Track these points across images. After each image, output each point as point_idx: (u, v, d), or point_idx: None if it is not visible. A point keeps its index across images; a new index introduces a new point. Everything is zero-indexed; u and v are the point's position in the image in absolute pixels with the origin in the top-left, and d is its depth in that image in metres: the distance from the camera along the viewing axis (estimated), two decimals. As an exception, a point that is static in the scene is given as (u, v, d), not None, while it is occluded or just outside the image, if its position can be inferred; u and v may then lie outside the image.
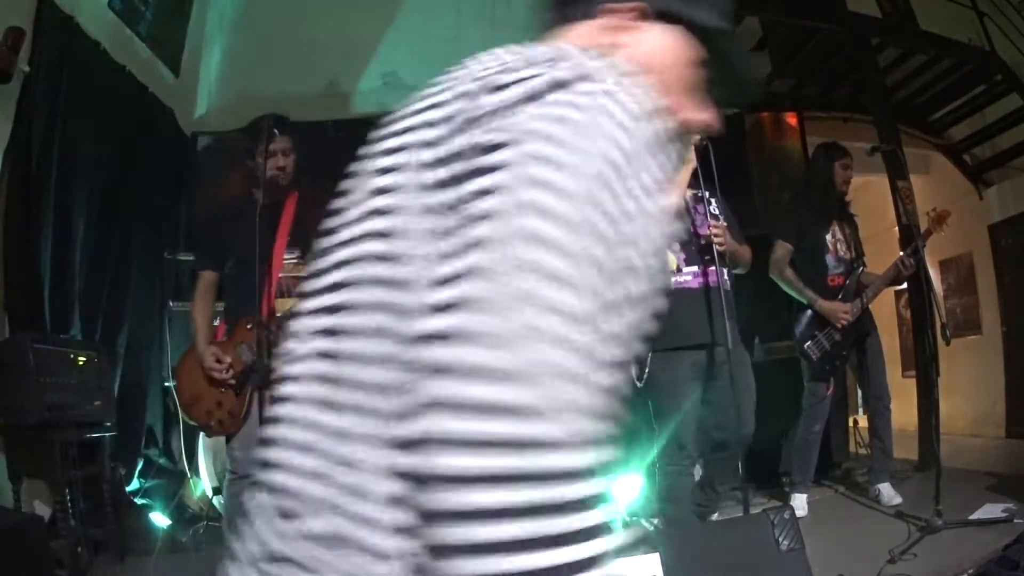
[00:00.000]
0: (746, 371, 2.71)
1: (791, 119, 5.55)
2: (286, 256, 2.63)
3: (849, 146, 5.82)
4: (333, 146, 5.03)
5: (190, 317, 2.74)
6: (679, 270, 2.63)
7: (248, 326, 2.58)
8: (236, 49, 5.36)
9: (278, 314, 2.55)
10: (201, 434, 3.69)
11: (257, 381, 2.54)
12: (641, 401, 2.90)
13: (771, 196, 5.16)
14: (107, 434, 3.19)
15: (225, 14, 5.40)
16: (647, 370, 2.61)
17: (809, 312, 3.46)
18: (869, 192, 6.03)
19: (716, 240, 2.59)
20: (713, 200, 2.89)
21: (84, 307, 3.62)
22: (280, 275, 2.60)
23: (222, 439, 2.83)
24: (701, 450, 2.77)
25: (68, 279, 3.54)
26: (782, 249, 3.53)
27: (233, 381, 2.59)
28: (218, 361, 2.58)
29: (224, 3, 5.38)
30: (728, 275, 2.77)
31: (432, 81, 0.63)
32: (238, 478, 2.60)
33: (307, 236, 2.71)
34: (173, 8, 4.85)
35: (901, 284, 3.76)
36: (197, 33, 5.13)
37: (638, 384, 2.69)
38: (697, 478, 2.83)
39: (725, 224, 2.77)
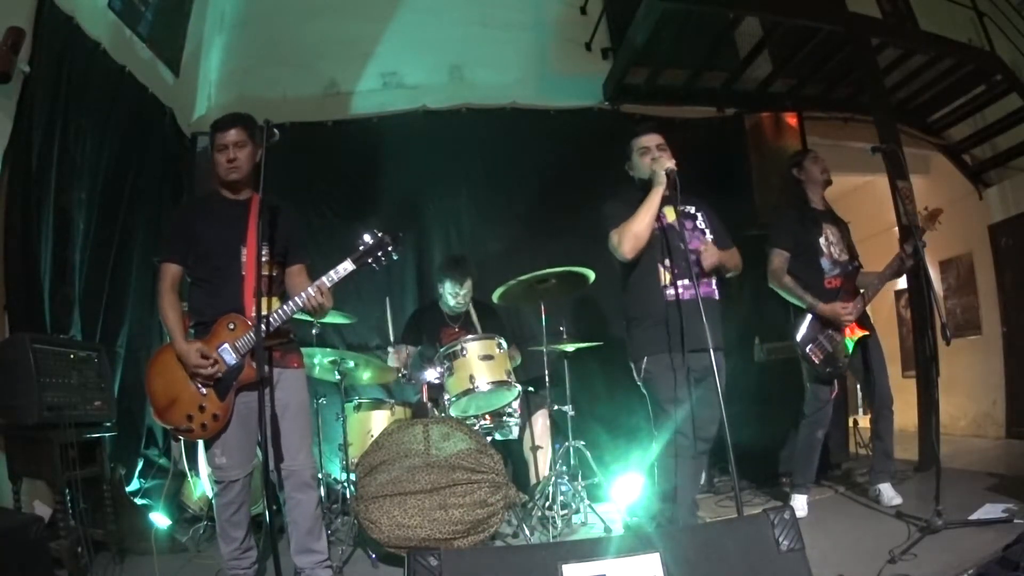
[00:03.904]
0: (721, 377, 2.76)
1: (791, 119, 5.54)
2: (263, 256, 2.48)
3: (849, 146, 5.80)
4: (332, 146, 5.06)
5: (161, 314, 2.55)
6: (673, 284, 2.77)
7: (230, 326, 2.47)
8: (236, 49, 5.36)
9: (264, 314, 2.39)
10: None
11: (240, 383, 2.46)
12: (641, 402, 2.92)
13: (771, 196, 5.15)
14: (107, 434, 3.19)
15: (225, 14, 5.40)
16: (644, 368, 2.81)
17: (809, 315, 3.45)
18: (869, 192, 6.03)
19: (704, 260, 2.81)
20: (699, 214, 2.98)
21: (84, 307, 3.62)
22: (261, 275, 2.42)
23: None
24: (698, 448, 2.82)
25: (68, 279, 3.54)
26: (779, 258, 3.52)
27: (220, 376, 2.45)
28: (204, 357, 2.42)
29: (224, 3, 5.38)
30: (717, 285, 2.91)
31: None
32: (226, 485, 2.51)
33: (274, 236, 2.62)
34: (173, 8, 4.85)
35: (901, 276, 3.75)
36: (197, 33, 5.13)
37: (637, 380, 2.87)
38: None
39: (711, 238, 2.93)
